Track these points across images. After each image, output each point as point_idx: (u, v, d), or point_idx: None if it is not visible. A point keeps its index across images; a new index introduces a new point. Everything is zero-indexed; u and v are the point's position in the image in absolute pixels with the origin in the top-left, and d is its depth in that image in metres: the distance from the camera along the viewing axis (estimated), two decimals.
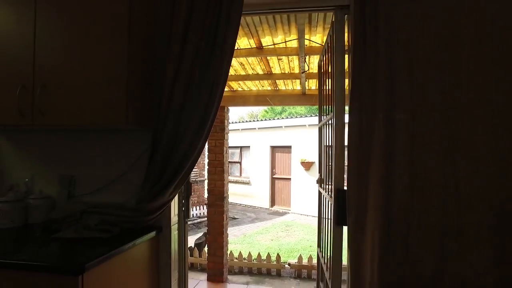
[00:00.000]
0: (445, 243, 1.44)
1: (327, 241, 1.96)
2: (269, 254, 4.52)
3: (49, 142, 1.88)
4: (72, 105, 1.48)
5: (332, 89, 1.79)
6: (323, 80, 2.27)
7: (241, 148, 13.07)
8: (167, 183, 1.58)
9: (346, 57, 1.72)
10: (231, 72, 3.77)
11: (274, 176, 11.63)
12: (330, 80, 1.88)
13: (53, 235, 1.47)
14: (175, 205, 1.82)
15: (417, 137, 1.46)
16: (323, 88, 2.27)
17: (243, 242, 6.84)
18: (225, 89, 4.26)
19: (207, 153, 4.52)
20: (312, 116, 10.21)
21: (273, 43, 2.91)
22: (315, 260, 3.73)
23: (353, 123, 1.51)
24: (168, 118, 1.58)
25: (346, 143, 1.57)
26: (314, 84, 4.07)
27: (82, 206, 1.69)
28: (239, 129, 12.92)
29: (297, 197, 10.45)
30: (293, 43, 2.81)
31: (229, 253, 4.47)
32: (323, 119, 2.29)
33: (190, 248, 4.94)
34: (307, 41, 2.70)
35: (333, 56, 1.73)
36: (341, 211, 1.62)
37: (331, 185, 1.80)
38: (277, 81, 4.01)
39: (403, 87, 1.46)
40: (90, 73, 1.46)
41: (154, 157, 1.61)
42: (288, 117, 14.05)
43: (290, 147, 10.92)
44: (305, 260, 4.47)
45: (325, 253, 2.05)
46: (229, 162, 13.23)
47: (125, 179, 1.76)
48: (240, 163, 13.24)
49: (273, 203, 11.52)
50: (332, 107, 1.77)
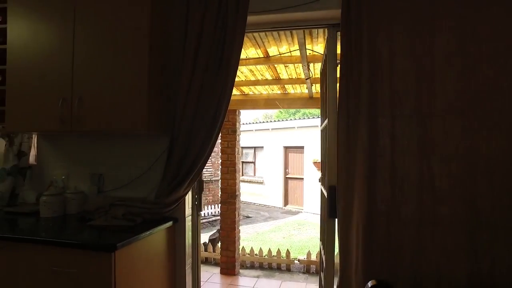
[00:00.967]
0: (422, 232, 1.65)
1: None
2: (279, 249, 4.76)
3: (81, 144, 2.19)
4: (102, 114, 1.77)
5: (326, 97, 2.02)
6: (324, 86, 2.50)
7: (255, 148, 13.33)
8: (181, 180, 1.86)
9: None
10: (242, 77, 4.04)
11: (287, 176, 11.85)
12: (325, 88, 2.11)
13: (88, 223, 1.77)
14: (189, 199, 2.09)
15: (396, 140, 1.67)
16: (324, 93, 2.50)
17: (256, 239, 7.10)
18: (237, 93, 4.57)
19: (220, 154, 4.80)
20: None
21: (279, 53, 3.15)
22: None
23: (341, 128, 1.74)
24: (182, 124, 1.86)
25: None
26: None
27: (110, 199, 1.99)
28: (252, 130, 13.19)
29: (309, 196, 10.63)
30: (297, 52, 3.04)
31: (241, 248, 4.73)
32: (324, 123, 2.51)
33: (204, 243, 5.24)
34: (309, 50, 2.93)
35: (326, 67, 1.97)
36: (333, 205, 1.85)
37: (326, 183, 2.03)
38: (285, 85, 4.24)
39: (383, 97, 1.68)
40: (116, 86, 1.74)
41: (170, 158, 1.89)
42: (301, 118, 14.23)
43: (302, 148, 11.11)
44: (314, 256, 4.68)
45: (325, 245, 2.28)
46: (243, 162, 13.57)
47: (146, 177, 2.04)
48: (254, 163, 13.50)
49: (286, 203, 11.73)
50: (327, 113, 2.00)
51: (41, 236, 1.55)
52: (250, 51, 3.16)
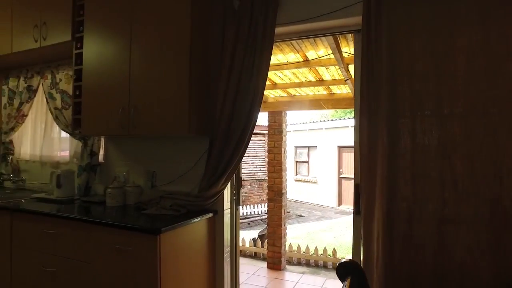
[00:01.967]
0: (444, 230, 1.68)
1: None
2: (325, 248, 4.83)
3: (139, 146, 2.56)
4: (151, 120, 2.09)
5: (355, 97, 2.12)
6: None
7: (308, 148, 13.35)
8: (219, 177, 2.11)
9: None
10: (286, 80, 4.21)
11: (341, 175, 11.68)
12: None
13: (142, 211, 2.11)
14: (227, 194, 2.33)
15: (417, 140, 1.73)
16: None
17: (307, 237, 7.20)
18: (283, 95, 4.75)
19: (267, 153, 5.03)
20: None
21: (318, 56, 3.28)
22: None
23: (362, 128, 1.84)
24: (219, 127, 2.11)
25: None
26: None
27: (160, 192, 2.32)
28: (306, 130, 13.22)
29: None
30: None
31: (288, 245, 4.90)
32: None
33: (254, 239, 5.51)
34: (346, 53, 3.01)
35: (355, 69, 2.07)
36: (358, 202, 1.95)
37: None
38: (329, 86, 4.32)
39: (403, 97, 1.74)
40: (162, 97, 2.05)
41: (210, 157, 2.16)
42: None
43: None
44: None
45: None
46: (297, 161, 13.64)
47: (190, 173, 2.33)
48: (307, 162, 13.52)
49: (340, 202, 11.57)
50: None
51: (106, 220, 1.91)
52: (289, 56, 3.33)
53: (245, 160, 11.26)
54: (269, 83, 4.35)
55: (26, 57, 2.87)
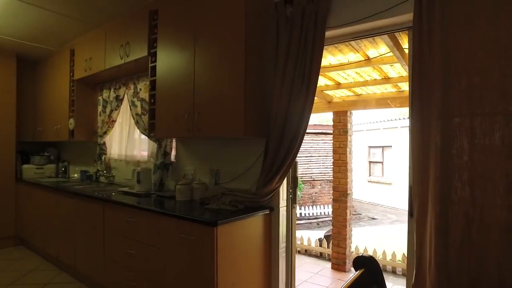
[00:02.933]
0: (509, 239, 1.55)
1: None
2: (394, 253, 4.62)
3: (204, 147, 2.83)
4: (212, 124, 2.31)
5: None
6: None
7: (383, 148, 12.67)
8: (273, 175, 2.24)
9: None
10: (350, 79, 4.16)
11: None
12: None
13: (206, 206, 2.35)
14: (283, 192, 2.45)
15: (476, 140, 1.62)
16: None
17: (377, 241, 6.90)
18: (348, 94, 4.67)
19: (332, 154, 4.99)
20: None
21: (379, 54, 3.19)
22: None
23: (414, 127, 1.79)
24: (274, 129, 2.24)
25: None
26: None
27: (222, 190, 2.54)
28: (380, 128, 12.58)
29: None
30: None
31: (354, 247, 4.80)
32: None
33: (319, 239, 5.52)
34: (407, 49, 2.88)
35: (409, 68, 2.01)
36: (412, 205, 1.89)
37: None
38: (397, 83, 4.13)
39: (460, 95, 1.65)
40: (221, 103, 2.25)
41: (265, 158, 2.30)
42: None
43: None
44: None
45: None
46: (370, 162, 13.03)
47: (249, 172, 2.51)
48: (382, 163, 12.84)
49: None
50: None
51: (173, 212, 2.19)
52: (349, 56, 3.30)
53: (315, 160, 11.21)
54: (333, 83, 4.34)
55: (115, 72, 3.39)
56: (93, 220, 2.89)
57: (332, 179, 4.82)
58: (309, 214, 10.12)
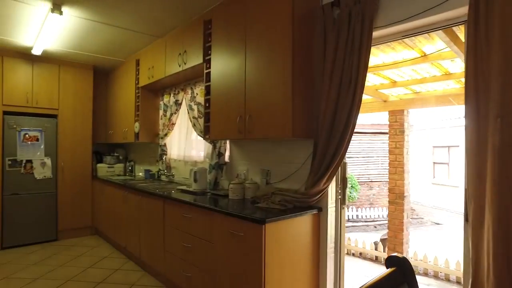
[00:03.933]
0: None
1: None
2: (458, 261, 4.30)
3: (255, 148, 2.95)
4: (262, 126, 2.41)
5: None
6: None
7: (449, 147, 11.73)
8: (321, 176, 2.27)
9: None
10: (406, 77, 3.98)
11: None
12: None
13: (256, 205, 2.46)
14: (332, 193, 2.46)
15: None
16: None
17: (440, 247, 6.44)
18: (405, 92, 4.47)
19: (388, 154, 4.81)
20: None
21: (437, 50, 3.02)
22: None
23: (469, 127, 1.70)
24: (322, 132, 2.27)
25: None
26: None
27: (272, 189, 2.63)
28: (445, 127, 11.66)
29: None
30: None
31: (412, 252, 4.57)
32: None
33: (375, 242, 5.34)
34: None
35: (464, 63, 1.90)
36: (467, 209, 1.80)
37: None
38: (461, 79, 3.86)
39: None
40: (270, 106, 2.34)
41: (313, 159, 2.34)
42: None
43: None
44: None
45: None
46: (435, 163, 12.13)
47: (298, 173, 2.57)
48: (448, 164, 11.90)
49: None
50: None
51: (224, 209, 2.33)
52: (403, 54, 3.18)
53: (372, 161, 10.80)
54: (388, 82, 4.19)
55: (174, 78, 3.66)
56: (155, 214, 3.18)
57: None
58: (366, 216, 9.78)
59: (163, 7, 3.01)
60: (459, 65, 3.42)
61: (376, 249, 5.10)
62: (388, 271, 0.97)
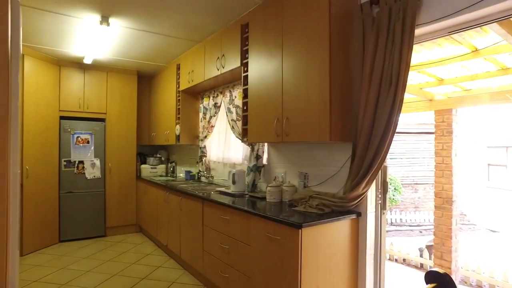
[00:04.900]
0: None
1: None
2: (505, 272, 3.95)
3: (293, 150, 2.93)
4: (299, 129, 2.38)
5: None
6: None
7: (507, 148, 10.81)
8: (360, 180, 2.20)
9: None
10: (454, 74, 3.74)
11: None
12: None
13: (293, 208, 2.44)
14: (372, 198, 2.38)
15: None
16: None
17: (496, 257, 5.96)
18: (453, 90, 4.20)
19: (435, 157, 4.54)
20: None
21: (491, 44, 2.80)
22: None
23: None
24: (361, 134, 2.20)
25: None
26: None
27: (310, 192, 2.59)
28: (502, 126, 10.76)
29: None
30: None
31: (463, 262, 4.28)
32: None
33: (420, 248, 5.07)
34: None
35: None
36: None
37: None
38: None
39: None
40: (308, 108, 2.30)
41: (353, 162, 2.27)
42: None
43: None
44: None
45: None
46: (489, 165, 11.27)
47: (336, 176, 2.51)
48: (505, 166, 10.96)
49: None
50: None
51: (261, 212, 2.34)
52: (450, 49, 2.99)
53: (418, 162, 10.26)
54: (433, 80, 3.96)
55: (213, 81, 3.75)
56: (194, 215, 3.27)
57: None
58: (410, 220, 9.32)
59: (202, 13, 3.09)
60: None
61: (421, 256, 4.84)
62: (428, 287, 0.92)
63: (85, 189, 4.81)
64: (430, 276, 0.99)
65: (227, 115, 3.74)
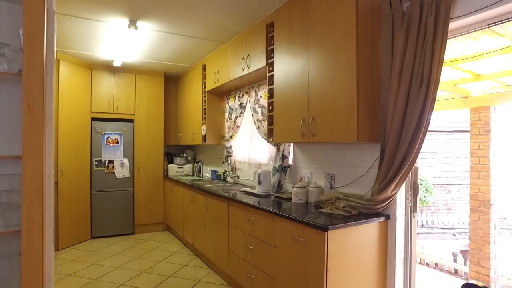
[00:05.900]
0: None
1: None
2: None
3: (319, 151, 2.87)
4: (326, 129, 2.33)
5: None
6: None
7: None
8: (389, 182, 2.12)
9: None
10: (492, 69, 3.53)
11: None
12: None
13: (319, 210, 2.40)
14: (401, 200, 2.29)
15: None
16: None
17: None
18: (493, 86, 3.97)
19: (470, 157, 4.32)
20: None
21: None
22: None
23: None
24: (390, 136, 2.11)
25: None
26: None
27: (337, 194, 2.53)
28: None
29: None
30: None
31: (504, 269, 4.04)
32: None
33: (453, 253, 4.85)
34: None
35: None
36: None
37: None
38: None
39: None
40: (334, 108, 2.25)
41: (381, 163, 2.20)
42: None
43: None
44: None
45: None
46: None
47: (364, 178, 2.43)
48: None
49: None
50: None
51: (288, 214, 2.31)
52: (488, 42, 2.81)
53: (451, 162, 9.82)
54: (469, 75, 3.76)
55: (238, 81, 3.75)
56: (220, 215, 3.29)
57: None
58: (442, 222, 8.93)
59: (227, 14, 3.10)
60: None
61: (455, 261, 4.63)
62: None
63: (114, 188, 4.97)
64: None
65: (252, 115, 3.73)
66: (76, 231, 4.55)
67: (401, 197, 2.27)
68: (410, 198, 2.32)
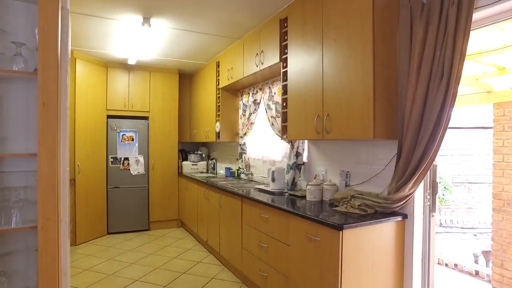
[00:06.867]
0: None
1: None
2: None
3: (335, 148, 2.81)
4: (341, 126, 2.27)
5: None
6: None
7: None
8: (406, 180, 2.05)
9: None
10: None
11: None
12: None
13: (334, 208, 2.35)
14: (419, 199, 2.21)
15: None
16: None
17: None
18: None
19: (493, 154, 4.15)
20: None
21: None
22: None
23: None
24: (408, 133, 2.04)
25: None
26: None
27: (352, 192, 2.48)
28: None
29: None
30: None
31: None
32: None
33: (475, 254, 4.69)
34: None
35: None
36: None
37: None
38: None
39: None
40: (350, 104, 2.19)
41: (398, 161, 2.13)
42: None
43: None
44: None
45: None
46: None
47: (380, 176, 2.37)
48: None
49: None
50: None
51: (302, 212, 2.27)
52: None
53: (472, 159, 9.52)
54: (493, 69, 3.61)
55: (252, 78, 3.72)
56: (233, 212, 3.28)
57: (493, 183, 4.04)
58: (462, 222, 8.68)
59: (240, 9, 3.06)
60: None
61: (476, 262, 4.47)
62: None
63: (130, 184, 5.03)
64: None
65: (266, 112, 3.70)
66: (92, 227, 4.64)
67: (419, 195, 2.19)
68: (428, 197, 2.24)
